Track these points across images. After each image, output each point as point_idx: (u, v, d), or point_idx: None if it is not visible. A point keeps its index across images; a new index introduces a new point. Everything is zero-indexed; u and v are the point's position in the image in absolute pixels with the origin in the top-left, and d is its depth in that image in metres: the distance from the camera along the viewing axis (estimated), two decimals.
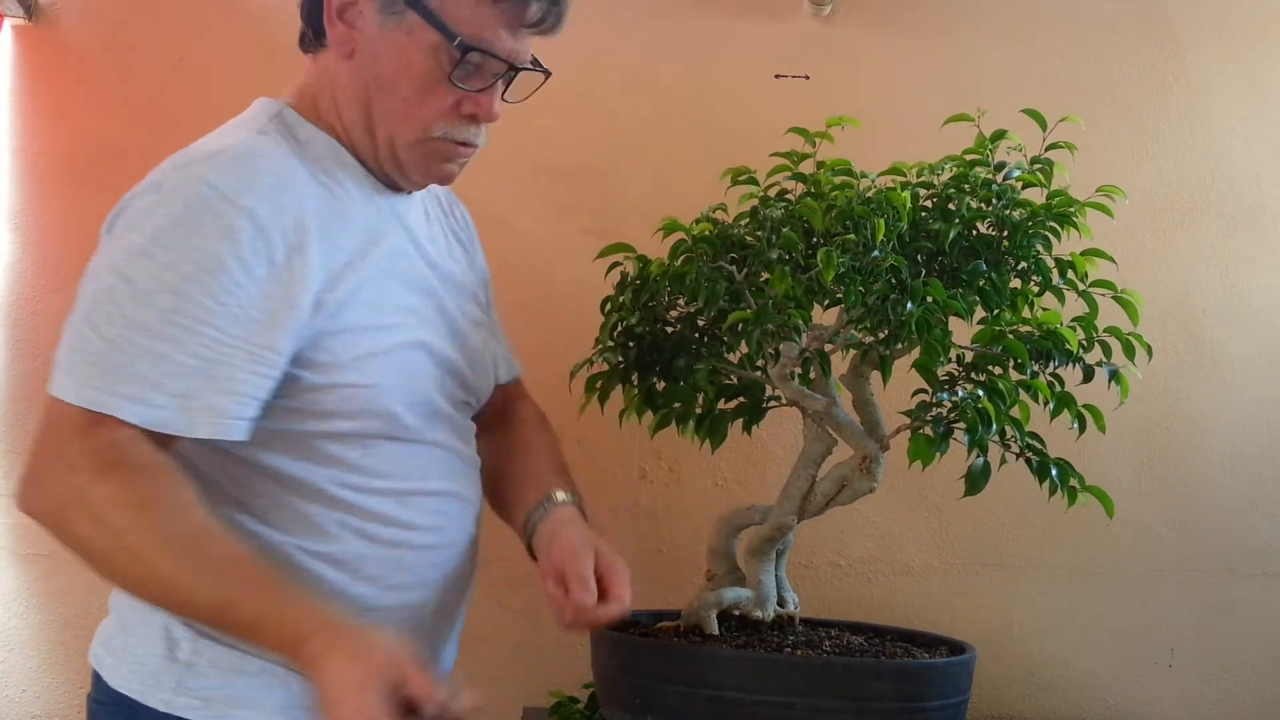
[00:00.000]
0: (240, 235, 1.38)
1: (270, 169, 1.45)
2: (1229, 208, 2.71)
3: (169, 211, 1.38)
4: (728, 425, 2.05)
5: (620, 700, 1.89)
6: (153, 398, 1.34)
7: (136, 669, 1.46)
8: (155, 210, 1.39)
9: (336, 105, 1.55)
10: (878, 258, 1.79)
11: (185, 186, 1.39)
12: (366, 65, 1.51)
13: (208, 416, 1.36)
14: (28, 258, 2.57)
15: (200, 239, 1.37)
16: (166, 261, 1.36)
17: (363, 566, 1.50)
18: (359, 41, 1.51)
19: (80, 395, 1.34)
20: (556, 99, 2.58)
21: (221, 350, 1.37)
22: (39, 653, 2.53)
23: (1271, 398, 2.69)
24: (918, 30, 2.73)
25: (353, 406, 1.47)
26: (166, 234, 1.37)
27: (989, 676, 2.60)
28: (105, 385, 1.34)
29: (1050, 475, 1.88)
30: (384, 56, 1.50)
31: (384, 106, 1.52)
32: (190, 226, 1.37)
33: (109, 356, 1.34)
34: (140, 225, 1.39)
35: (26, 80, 2.60)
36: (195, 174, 1.40)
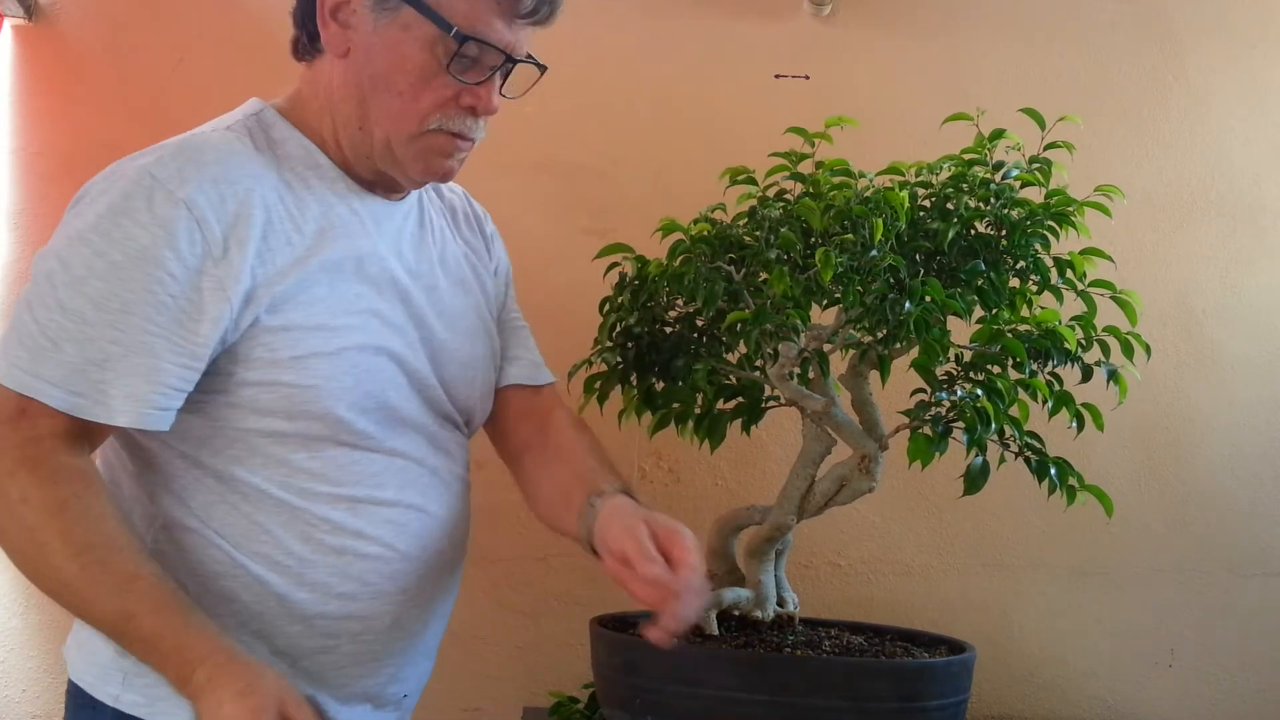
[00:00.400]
0: (175, 225, 1.39)
1: (216, 160, 1.45)
2: (1229, 208, 2.71)
3: (109, 200, 1.41)
4: (726, 425, 2.05)
5: (620, 700, 1.89)
6: (74, 383, 1.36)
7: (90, 663, 1.48)
8: (100, 198, 1.42)
9: (331, 106, 1.55)
10: (876, 257, 1.79)
11: (128, 175, 1.42)
12: (362, 63, 1.52)
13: (128, 404, 1.37)
14: (27, 258, 2.57)
15: (134, 227, 1.39)
16: (100, 248, 1.38)
17: (306, 572, 1.49)
18: (354, 40, 1.52)
19: (9, 376, 1.36)
20: (557, 98, 2.59)
21: (145, 339, 1.38)
22: (39, 653, 2.53)
23: (1271, 398, 2.68)
24: (918, 30, 2.73)
25: (292, 406, 1.46)
26: (104, 221, 1.39)
27: (989, 676, 2.60)
28: (32, 369, 1.36)
29: (1049, 474, 1.88)
30: (379, 53, 1.51)
31: (380, 103, 1.52)
32: (126, 214, 1.39)
33: (38, 340, 1.37)
34: (84, 213, 1.42)
35: (26, 80, 2.60)
36: (141, 164, 1.43)
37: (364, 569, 1.52)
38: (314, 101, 1.57)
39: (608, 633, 1.94)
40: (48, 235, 2.52)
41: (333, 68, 1.55)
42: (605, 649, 1.94)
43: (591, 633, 1.99)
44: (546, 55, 1.62)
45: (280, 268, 1.45)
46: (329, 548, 1.50)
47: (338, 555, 1.50)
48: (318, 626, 1.50)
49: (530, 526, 2.62)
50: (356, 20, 1.52)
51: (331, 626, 1.51)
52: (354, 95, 1.53)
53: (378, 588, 1.54)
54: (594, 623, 2.01)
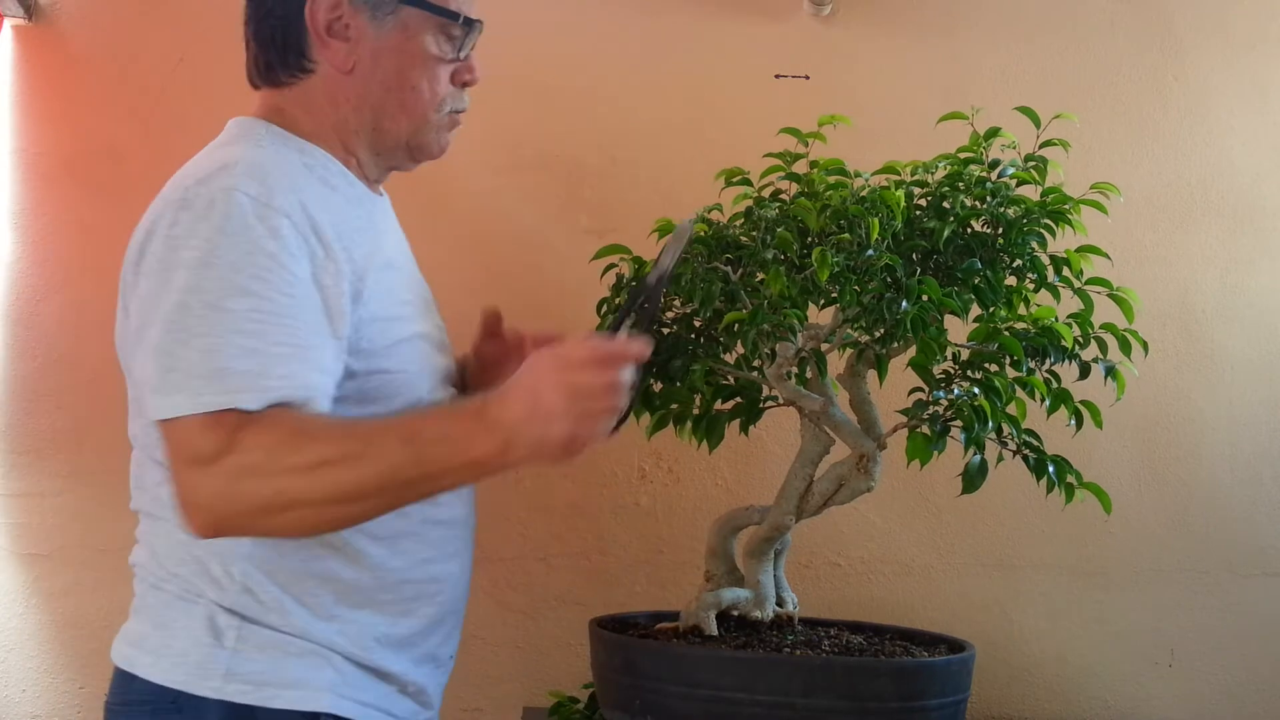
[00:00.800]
0: (284, 234, 1.42)
1: (283, 173, 1.50)
2: (1229, 208, 2.71)
3: (212, 223, 1.41)
4: (725, 425, 2.05)
5: (620, 700, 1.89)
6: (264, 383, 1.37)
7: (180, 661, 1.49)
8: (197, 225, 1.41)
9: (337, 118, 1.60)
10: (872, 257, 1.79)
11: (219, 198, 1.42)
12: (370, 71, 1.58)
13: (308, 392, 1.40)
14: (28, 258, 2.58)
15: (252, 243, 1.40)
16: (229, 267, 1.39)
17: (398, 541, 1.56)
18: (358, 52, 1.57)
19: (198, 404, 1.35)
20: (557, 98, 2.61)
21: (304, 336, 1.41)
22: (39, 653, 2.54)
23: (1271, 398, 2.68)
24: (918, 30, 2.73)
25: (390, 392, 1.54)
26: (219, 244, 1.40)
27: (989, 676, 2.59)
28: (219, 389, 1.36)
29: (1047, 472, 1.88)
30: (388, 57, 1.58)
31: (397, 102, 1.60)
32: (239, 233, 1.40)
33: (210, 363, 1.36)
34: (187, 243, 1.41)
35: (26, 80, 2.60)
36: (222, 185, 1.43)
37: (439, 535, 1.61)
38: (307, 118, 1.60)
39: (608, 633, 1.95)
40: (48, 235, 2.58)
41: (334, 83, 1.59)
42: (605, 649, 1.94)
43: (591, 633, 1.99)
44: (548, 56, 1.64)
45: (359, 266, 1.50)
46: (416, 518, 1.57)
47: (421, 523, 1.58)
48: (405, 592, 1.58)
49: (530, 527, 2.62)
50: (355, 33, 1.57)
51: (416, 591, 1.59)
52: (367, 103, 1.59)
53: (448, 551, 1.63)
54: (594, 623, 2.01)
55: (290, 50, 1.59)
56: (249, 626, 1.49)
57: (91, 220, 2.58)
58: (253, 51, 1.63)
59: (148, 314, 1.41)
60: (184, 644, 1.49)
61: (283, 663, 1.49)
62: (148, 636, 1.53)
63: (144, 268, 1.44)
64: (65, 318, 2.57)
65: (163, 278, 1.41)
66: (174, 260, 1.40)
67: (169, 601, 1.52)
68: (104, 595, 2.52)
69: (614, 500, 2.64)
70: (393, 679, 1.58)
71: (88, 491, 2.53)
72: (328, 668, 1.51)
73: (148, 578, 1.56)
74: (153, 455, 1.52)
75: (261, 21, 1.61)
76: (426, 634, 1.62)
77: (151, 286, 1.42)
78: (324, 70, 1.58)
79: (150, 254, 1.43)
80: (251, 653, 1.49)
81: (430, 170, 1.91)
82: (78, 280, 2.57)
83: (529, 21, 2.63)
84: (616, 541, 2.64)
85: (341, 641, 1.53)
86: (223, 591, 1.49)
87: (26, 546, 2.54)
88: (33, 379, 2.57)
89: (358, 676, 1.54)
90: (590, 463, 2.62)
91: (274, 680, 1.48)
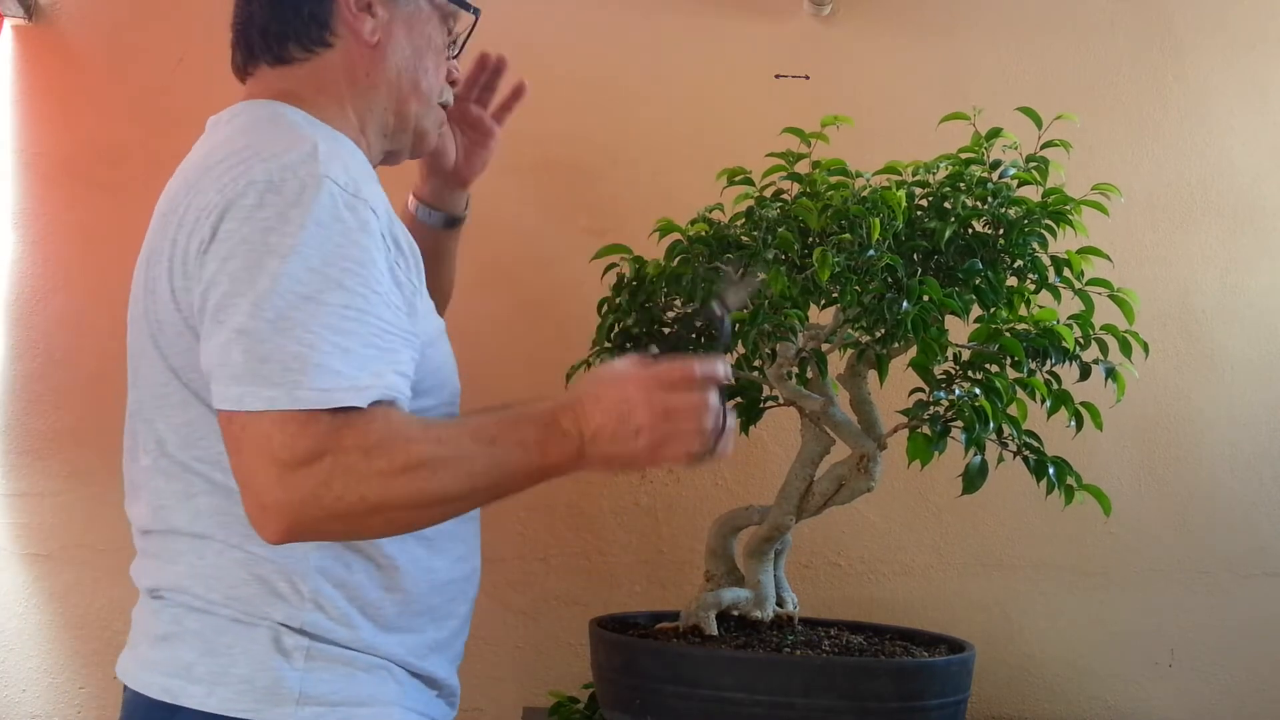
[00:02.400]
0: (372, 228, 1.38)
1: (359, 162, 1.47)
2: (1229, 208, 2.71)
3: (306, 210, 1.34)
4: None
5: (620, 700, 1.89)
6: (360, 384, 1.31)
7: (244, 689, 1.40)
8: (290, 212, 1.34)
9: (357, 96, 1.57)
10: (873, 257, 1.79)
11: (309, 185, 1.35)
12: (391, 49, 1.58)
13: (395, 393, 1.35)
14: (28, 257, 2.57)
15: (345, 235, 1.35)
16: (324, 260, 1.33)
17: (437, 539, 1.53)
18: (383, 29, 1.57)
19: (295, 399, 1.28)
20: (557, 98, 2.60)
21: (388, 337, 1.36)
22: (39, 653, 2.54)
23: (1271, 398, 2.68)
24: (918, 30, 2.73)
25: (437, 383, 1.52)
26: (314, 234, 1.33)
27: (989, 676, 2.59)
28: (318, 386, 1.28)
29: (1047, 473, 1.87)
30: (405, 37, 1.59)
31: (411, 83, 1.60)
32: (333, 224, 1.34)
33: (309, 358, 1.29)
34: (281, 229, 1.33)
35: (26, 80, 2.60)
36: (312, 172, 1.36)
37: (466, 530, 1.60)
38: (322, 96, 1.55)
39: (607, 633, 1.95)
40: (49, 235, 2.58)
41: (354, 59, 1.56)
42: (605, 649, 1.94)
43: (591, 633, 1.99)
44: (548, 56, 1.65)
45: (406, 254, 1.47)
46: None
47: (456, 522, 1.52)
48: (449, 593, 1.56)
49: (530, 527, 2.62)
50: (380, 9, 1.57)
51: (457, 590, 1.57)
52: (385, 80, 1.58)
53: (472, 546, 1.63)
54: (594, 623, 2.01)
55: (314, 21, 1.55)
56: (317, 645, 1.42)
57: (91, 220, 2.57)
58: (259, 23, 1.58)
59: (230, 296, 1.32)
60: (247, 669, 1.40)
61: (353, 680, 1.44)
62: (194, 664, 1.42)
63: (219, 249, 1.35)
64: (65, 318, 2.57)
65: (251, 260, 1.32)
66: (265, 244, 1.32)
67: (221, 626, 1.42)
68: (104, 595, 2.52)
69: (614, 500, 2.64)
70: (438, 683, 1.55)
71: (88, 491, 2.53)
72: (391, 681, 1.48)
73: (190, 602, 1.44)
74: (194, 460, 1.44)
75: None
76: (459, 633, 1.60)
77: (236, 268, 1.33)
78: (345, 45, 1.56)
79: (229, 233, 1.34)
80: (321, 672, 1.42)
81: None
82: (78, 280, 2.57)
83: (529, 22, 2.63)
84: (616, 541, 2.64)
85: (400, 652, 1.48)
86: (291, 610, 1.42)
87: (26, 546, 2.54)
88: (33, 379, 2.56)
89: (413, 685, 1.51)
90: None
91: (348, 699, 1.42)
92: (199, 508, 1.44)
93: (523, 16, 2.61)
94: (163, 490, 1.47)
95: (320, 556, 1.43)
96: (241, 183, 1.36)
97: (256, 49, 1.58)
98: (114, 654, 2.47)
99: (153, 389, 1.46)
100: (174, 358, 1.42)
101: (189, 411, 1.42)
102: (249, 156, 1.39)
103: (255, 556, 1.41)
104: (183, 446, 1.44)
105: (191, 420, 1.42)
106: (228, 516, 1.41)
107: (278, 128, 1.47)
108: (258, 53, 1.59)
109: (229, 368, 1.30)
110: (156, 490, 1.47)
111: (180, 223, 1.40)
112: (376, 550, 1.46)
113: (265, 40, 1.57)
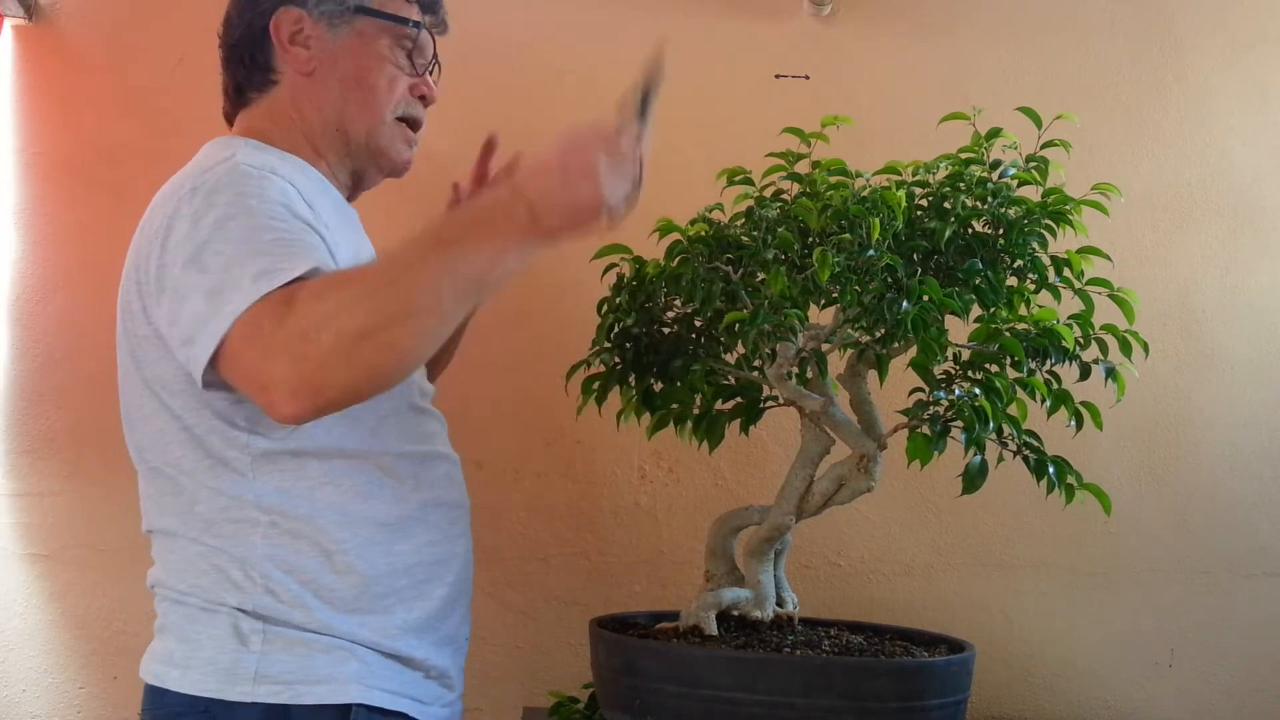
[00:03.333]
0: (290, 193, 1.53)
1: (295, 169, 1.64)
2: (1229, 208, 2.71)
3: (216, 184, 1.50)
4: (725, 426, 2.05)
5: (620, 700, 1.89)
6: (294, 261, 1.41)
7: (209, 671, 1.54)
8: (212, 197, 1.49)
9: (304, 123, 1.71)
10: (873, 257, 1.79)
11: (223, 171, 1.52)
12: (329, 74, 1.70)
13: (318, 262, 1.44)
14: (28, 257, 2.57)
15: (255, 185, 1.50)
16: (235, 204, 1.47)
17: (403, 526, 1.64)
18: (317, 58, 1.70)
19: (247, 297, 1.38)
20: (557, 98, 2.60)
21: (298, 233, 1.48)
22: (39, 653, 2.53)
23: (1271, 398, 2.68)
24: (918, 30, 2.73)
25: None
26: (224, 193, 1.48)
27: (989, 676, 2.60)
28: (260, 280, 1.39)
29: (1047, 473, 1.87)
30: (344, 59, 1.71)
31: (355, 100, 1.71)
32: (242, 180, 1.51)
33: (245, 269, 1.40)
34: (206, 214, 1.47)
35: (26, 80, 2.60)
36: (225, 165, 1.54)
37: (439, 517, 1.69)
38: (277, 129, 1.70)
39: (607, 633, 1.95)
40: (49, 235, 2.58)
41: (297, 89, 1.71)
42: (605, 649, 1.94)
43: (591, 633, 1.99)
44: (548, 56, 1.64)
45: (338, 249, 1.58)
46: (414, 502, 1.65)
47: (420, 508, 1.66)
48: (417, 575, 1.64)
49: (530, 527, 2.62)
50: (314, 42, 1.70)
51: (427, 573, 1.65)
52: (328, 103, 1.70)
53: (451, 533, 1.71)
54: (594, 623, 2.01)
55: (257, 66, 1.72)
56: (272, 628, 1.54)
57: (91, 220, 2.57)
58: (225, 83, 1.76)
59: (186, 285, 1.44)
60: (210, 652, 1.54)
61: (309, 659, 1.55)
62: (174, 651, 1.57)
63: (169, 258, 1.48)
64: (65, 318, 2.57)
65: (184, 250, 1.46)
66: (197, 231, 1.46)
67: (192, 615, 1.57)
68: (104, 595, 2.52)
69: (614, 500, 2.64)
70: (417, 664, 1.63)
71: (88, 491, 2.53)
72: (352, 660, 1.57)
73: (168, 595, 1.61)
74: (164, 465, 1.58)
75: (232, 48, 1.74)
76: (443, 616, 1.67)
77: (183, 258, 1.46)
78: (288, 79, 1.71)
79: (174, 243, 1.48)
80: (278, 653, 1.54)
81: (430, 171, 1.92)
82: (78, 280, 2.57)
83: (529, 22, 2.63)
84: (616, 541, 2.64)
85: (364, 633, 1.58)
86: (244, 595, 1.55)
87: (27, 546, 2.54)
88: (33, 379, 2.56)
89: (383, 665, 1.59)
90: (590, 463, 2.63)
91: (303, 677, 1.54)
92: (166, 507, 1.60)
93: (523, 16, 2.61)
94: (146, 493, 1.64)
95: (269, 545, 1.55)
96: (169, 203, 1.52)
97: (232, 101, 1.77)
98: (114, 654, 2.51)
99: (131, 399, 1.62)
100: (146, 369, 1.56)
101: (158, 420, 1.57)
102: (178, 180, 1.58)
103: (211, 548, 1.56)
104: (155, 452, 1.60)
105: (160, 428, 1.57)
106: (188, 514, 1.57)
107: (214, 151, 1.63)
108: (234, 104, 1.77)
109: (198, 316, 1.42)
110: (143, 493, 1.65)
111: (138, 245, 1.57)
112: (324, 536, 1.56)
113: (230, 96, 1.77)
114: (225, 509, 1.56)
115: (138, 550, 1.72)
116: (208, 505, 1.56)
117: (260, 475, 1.56)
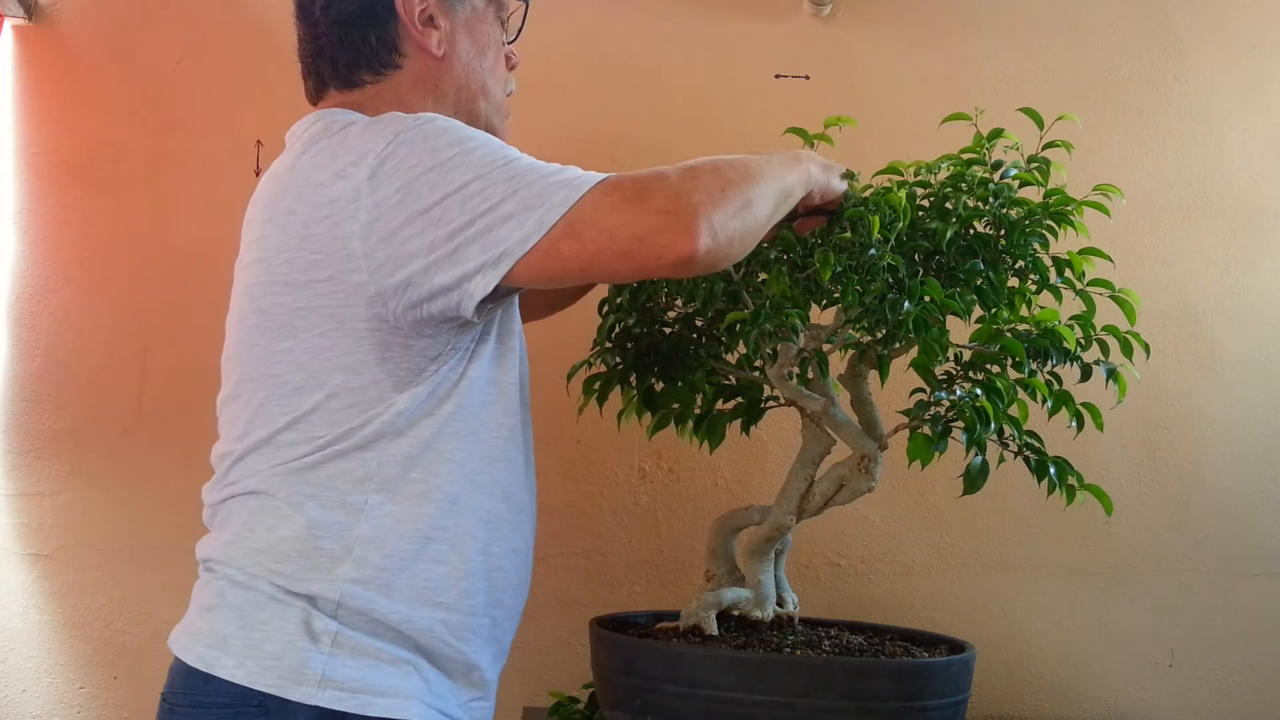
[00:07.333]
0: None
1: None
2: (1229, 208, 2.71)
3: (440, 136, 1.45)
4: (726, 426, 2.05)
5: (620, 700, 1.89)
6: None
7: (271, 665, 1.46)
8: (435, 139, 1.45)
9: (436, 105, 1.65)
10: (875, 257, 1.79)
11: (425, 122, 1.47)
12: (457, 55, 1.66)
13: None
14: (29, 257, 2.57)
15: (479, 135, 1.49)
16: (483, 145, 1.47)
17: (499, 526, 1.60)
18: (447, 39, 1.65)
19: (583, 184, 1.48)
20: (556, 99, 2.60)
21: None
22: (39, 653, 2.53)
23: (1271, 398, 2.68)
24: (918, 31, 2.73)
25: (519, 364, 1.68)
26: (460, 142, 1.45)
27: (989, 676, 2.60)
28: (579, 175, 1.51)
29: (1048, 474, 1.87)
30: (466, 39, 1.67)
31: (480, 83, 1.69)
32: (465, 131, 1.48)
33: (552, 177, 1.49)
34: (434, 155, 1.43)
35: (26, 80, 2.60)
36: (416, 118, 1.48)
37: (526, 525, 1.66)
38: (395, 110, 1.58)
39: (608, 633, 1.94)
40: (49, 234, 2.58)
41: (428, 71, 1.65)
42: (605, 649, 1.94)
43: (591, 633, 1.99)
44: (548, 57, 1.65)
45: None
46: (514, 504, 1.62)
47: (509, 510, 1.61)
48: (499, 578, 1.60)
49: None
50: (441, 20, 1.64)
51: (505, 579, 1.61)
52: (459, 85, 1.67)
53: (527, 540, 1.67)
54: (594, 623, 2.01)
55: (382, 46, 1.63)
56: (346, 632, 1.48)
57: (91, 220, 2.57)
58: (329, 56, 1.63)
59: (435, 228, 1.41)
60: (276, 646, 1.47)
61: (375, 670, 1.48)
62: (231, 636, 1.48)
63: (374, 184, 1.43)
64: (65, 318, 2.57)
65: (434, 185, 1.42)
66: (420, 173, 1.42)
67: (258, 602, 1.49)
68: (104, 595, 2.52)
69: (614, 500, 2.64)
70: (477, 671, 1.59)
71: (88, 491, 2.53)
72: (416, 676, 1.51)
73: (233, 575, 1.51)
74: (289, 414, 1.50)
75: (348, 25, 1.62)
76: (505, 626, 1.64)
77: (417, 208, 1.42)
78: (414, 62, 1.64)
79: (379, 175, 1.43)
80: (346, 658, 1.47)
81: None
82: (78, 280, 2.57)
83: (528, 22, 2.62)
84: (616, 541, 2.64)
85: (441, 629, 1.52)
86: (332, 579, 1.48)
87: (26, 546, 2.54)
88: (33, 379, 2.56)
89: (443, 685, 1.54)
90: (590, 463, 2.63)
91: (367, 687, 1.47)
92: (277, 458, 1.51)
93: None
94: (227, 454, 1.57)
95: (370, 525, 1.49)
96: (380, 144, 1.45)
97: (327, 78, 1.65)
98: (114, 654, 2.51)
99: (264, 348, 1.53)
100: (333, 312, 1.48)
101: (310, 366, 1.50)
102: (363, 131, 1.48)
103: (311, 519, 1.48)
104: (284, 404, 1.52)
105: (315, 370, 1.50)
106: (295, 477, 1.50)
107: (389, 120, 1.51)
108: (328, 81, 1.65)
109: (526, 222, 1.43)
110: (240, 452, 1.55)
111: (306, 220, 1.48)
112: (429, 522, 1.51)
113: (335, 69, 1.65)
114: (344, 473, 1.49)
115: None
116: (328, 470, 1.49)
117: (396, 438, 1.50)
